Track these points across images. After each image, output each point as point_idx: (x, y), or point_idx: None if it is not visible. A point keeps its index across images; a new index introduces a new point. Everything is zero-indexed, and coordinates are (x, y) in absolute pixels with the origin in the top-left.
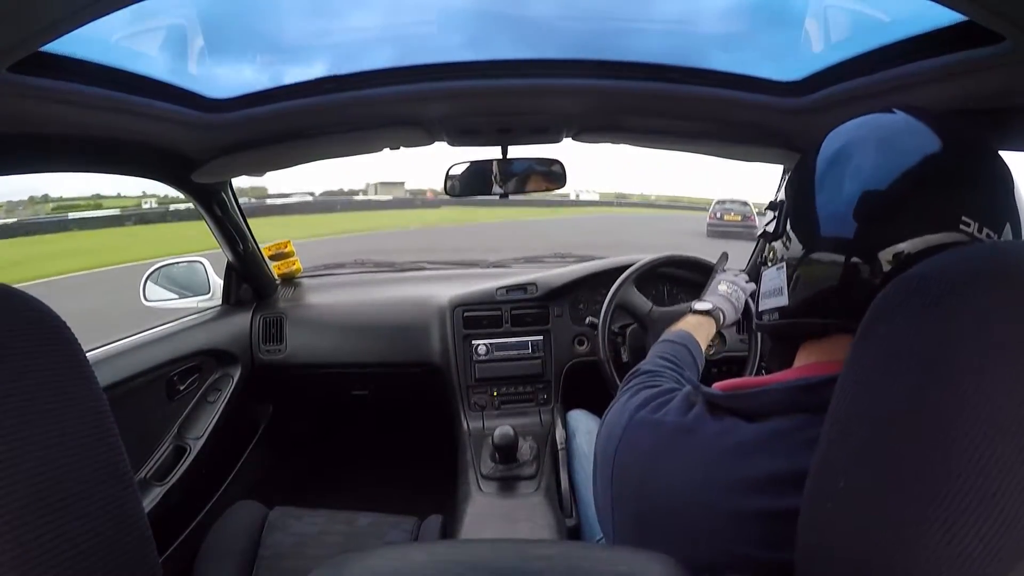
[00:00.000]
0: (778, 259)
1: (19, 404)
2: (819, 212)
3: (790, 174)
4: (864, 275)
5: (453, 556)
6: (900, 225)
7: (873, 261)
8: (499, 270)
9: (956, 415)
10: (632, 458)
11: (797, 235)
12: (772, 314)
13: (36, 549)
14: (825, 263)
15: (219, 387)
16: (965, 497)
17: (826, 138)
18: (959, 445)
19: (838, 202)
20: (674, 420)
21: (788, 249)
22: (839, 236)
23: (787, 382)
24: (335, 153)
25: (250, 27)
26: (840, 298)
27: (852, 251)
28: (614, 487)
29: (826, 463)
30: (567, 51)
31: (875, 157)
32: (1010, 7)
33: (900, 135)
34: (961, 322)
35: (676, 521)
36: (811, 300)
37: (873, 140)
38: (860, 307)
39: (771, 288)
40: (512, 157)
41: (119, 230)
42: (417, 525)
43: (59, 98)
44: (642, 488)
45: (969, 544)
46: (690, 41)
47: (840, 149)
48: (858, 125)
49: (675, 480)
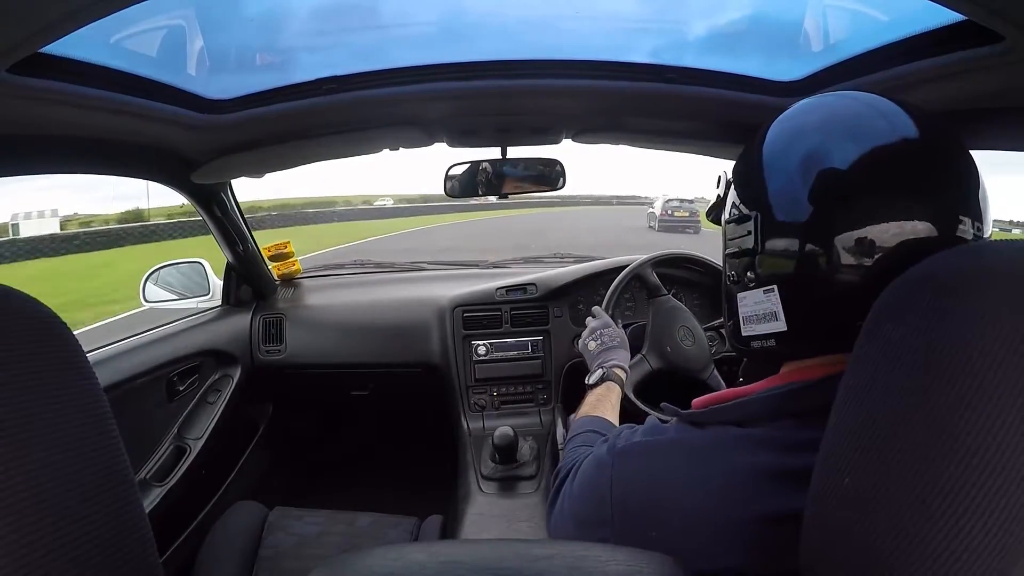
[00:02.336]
0: (761, 280)
1: (19, 405)
2: (774, 203)
3: (741, 178)
4: (823, 265)
5: (453, 556)
6: (864, 210)
7: (831, 249)
8: (499, 270)
9: (960, 412)
10: (632, 489)
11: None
12: (766, 340)
13: (37, 550)
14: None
15: (219, 387)
16: (970, 492)
17: (774, 124)
18: (963, 442)
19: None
20: (658, 437)
21: (775, 261)
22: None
23: (771, 390)
24: (334, 154)
25: (249, 28)
26: (835, 314)
27: (808, 238)
28: (616, 526)
29: (831, 461)
30: (567, 51)
31: (844, 141)
32: (1008, 6)
33: (866, 119)
34: (965, 320)
35: (679, 536)
36: (812, 321)
37: (839, 124)
38: (849, 318)
39: (759, 313)
40: (511, 157)
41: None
42: (417, 525)
43: (59, 99)
44: (652, 512)
45: (976, 538)
46: (689, 41)
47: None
48: (814, 107)
49: (681, 494)
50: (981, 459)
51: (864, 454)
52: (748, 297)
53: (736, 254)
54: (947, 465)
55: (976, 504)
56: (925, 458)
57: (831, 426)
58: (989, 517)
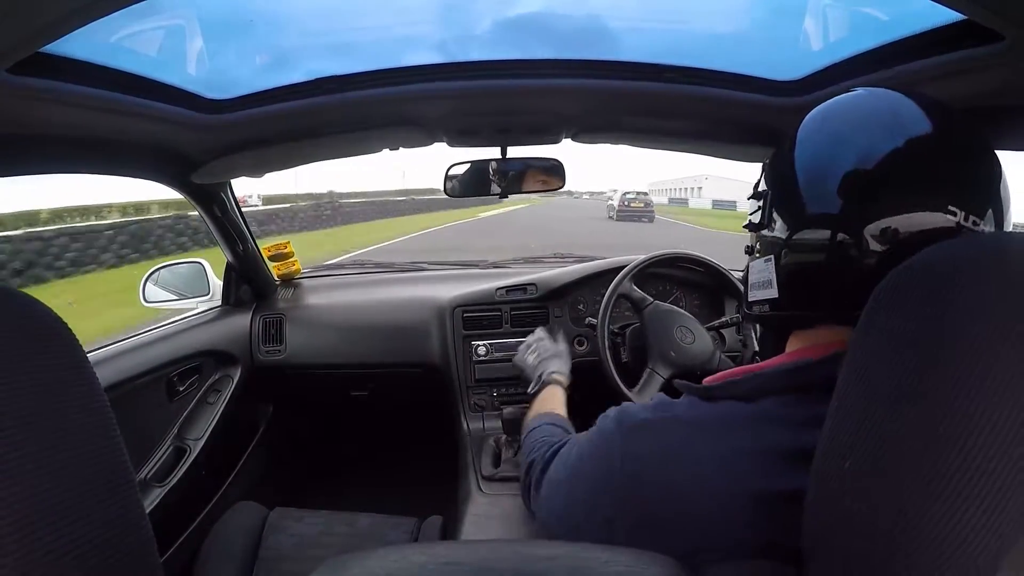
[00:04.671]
0: (765, 250)
1: (20, 405)
2: (803, 191)
3: (771, 159)
4: (852, 253)
5: (453, 557)
6: (885, 201)
7: (860, 237)
8: (498, 270)
9: (956, 397)
10: (646, 463)
11: (783, 218)
12: (762, 306)
13: (38, 551)
14: (812, 243)
15: (219, 388)
16: (968, 475)
17: (808, 117)
18: (959, 423)
19: (824, 179)
20: (668, 414)
21: (774, 235)
22: (825, 213)
23: (779, 366)
24: (334, 154)
25: (250, 27)
26: (829, 288)
27: (838, 227)
28: (620, 494)
29: (831, 444)
30: (566, 51)
31: (862, 133)
32: (1008, 6)
33: (887, 113)
34: (962, 309)
35: (691, 512)
36: (800, 292)
37: (859, 117)
38: (849, 295)
39: (760, 280)
40: (511, 157)
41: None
42: (417, 526)
43: (59, 99)
44: (662, 490)
45: (973, 518)
46: (689, 41)
47: (824, 126)
48: (841, 103)
49: (699, 469)
50: (974, 439)
51: (863, 438)
52: (754, 265)
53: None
54: (945, 449)
55: (973, 487)
56: (923, 442)
57: (832, 409)
58: (985, 499)
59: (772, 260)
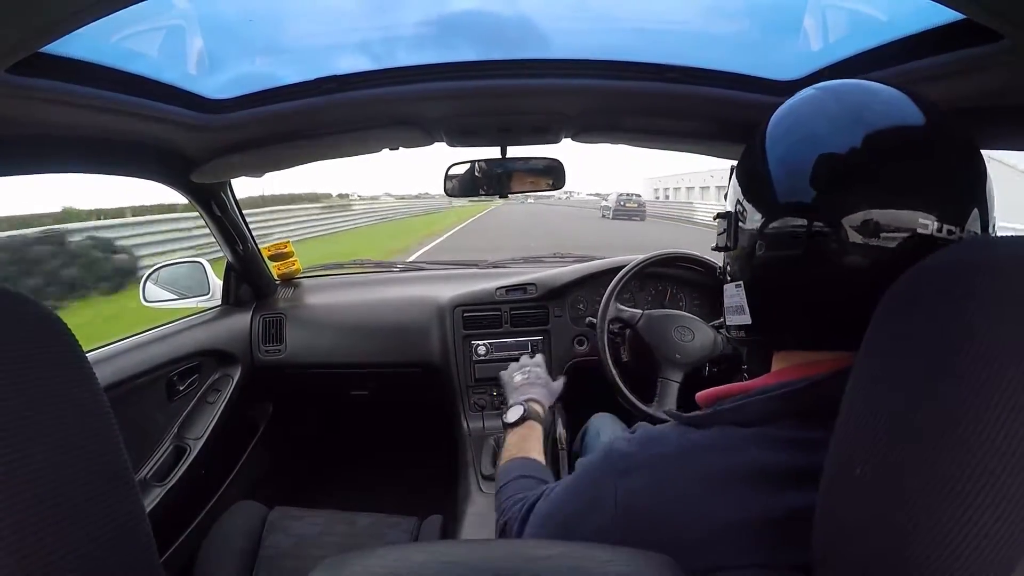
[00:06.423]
0: (735, 274)
1: (20, 405)
2: (775, 181)
3: (739, 162)
4: (831, 246)
5: (453, 556)
6: (862, 193)
7: (838, 228)
8: (498, 270)
9: (967, 402)
10: (641, 505)
11: (757, 207)
12: (738, 331)
13: (38, 551)
14: (787, 233)
15: (219, 387)
16: (980, 479)
17: (776, 112)
18: (971, 429)
19: (798, 167)
20: (659, 451)
21: (741, 256)
22: (799, 201)
23: (768, 388)
24: (334, 154)
25: (249, 27)
26: (799, 306)
27: (815, 216)
28: (620, 531)
29: (841, 453)
30: (566, 51)
31: (834, 124)
32: (1008, 5)
33: (866, 104)
34: (971, 312)
35: (689, 538)
36: (771, 316)
37: (830, 109)
38: (822, 314)
39: (732, 305)
40: (511, 157)
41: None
42: (417, 525)
43: (58, 99)
44: (660, 527)
45: (986, 524)
46: (689, 41)
47: (795, 119)
48: (810, 97)
49: (688, 502)
50: (987, 445)
51: (875, 443)
52: (726, 289)
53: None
54: (955, 453)
55: (986, 493)
56: (933, 446)
57: (841, 418)
58: (999, 505)
59: (741, 285)
